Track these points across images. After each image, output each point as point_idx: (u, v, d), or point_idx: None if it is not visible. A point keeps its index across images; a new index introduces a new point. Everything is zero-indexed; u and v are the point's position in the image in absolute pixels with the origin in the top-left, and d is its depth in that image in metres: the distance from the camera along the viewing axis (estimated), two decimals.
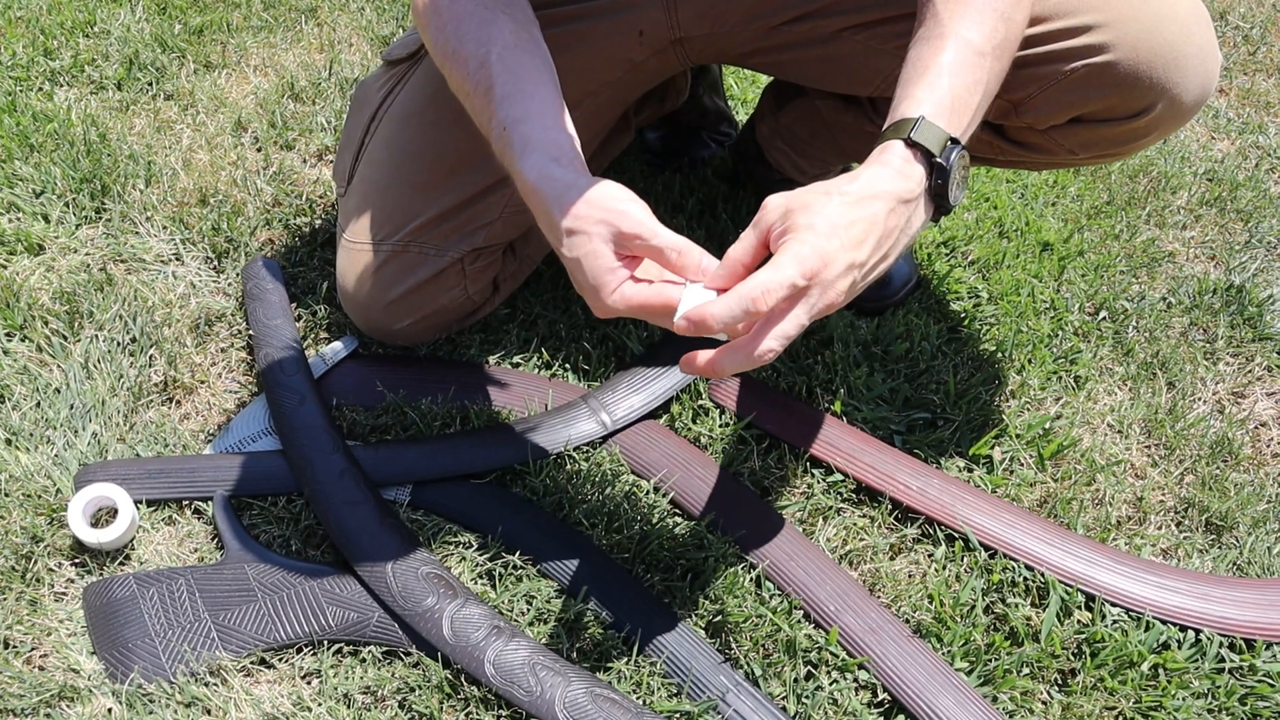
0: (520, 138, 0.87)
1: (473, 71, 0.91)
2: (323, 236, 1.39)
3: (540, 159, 0.86)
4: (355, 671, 0.95)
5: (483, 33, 0.92)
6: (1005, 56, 0.85)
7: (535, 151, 0.86)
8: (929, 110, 0.79)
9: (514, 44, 0.92)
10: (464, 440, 1.13)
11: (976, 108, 0.83)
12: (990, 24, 0.83)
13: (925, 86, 0.81)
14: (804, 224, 0.74)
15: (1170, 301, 1.44)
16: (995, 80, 0.85)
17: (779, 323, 0.73)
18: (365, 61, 1.77)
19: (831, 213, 0.74)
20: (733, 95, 1.76)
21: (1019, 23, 0.86)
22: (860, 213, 0.75)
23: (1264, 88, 1.98)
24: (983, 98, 0.83)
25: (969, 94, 0.82)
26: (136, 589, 0.98)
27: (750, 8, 1.10)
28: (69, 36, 1.74)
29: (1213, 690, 0.97)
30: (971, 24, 0.83)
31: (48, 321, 1.23)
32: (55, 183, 1.41)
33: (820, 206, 0.75)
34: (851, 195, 0.76)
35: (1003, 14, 0.84)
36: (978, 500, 1.10)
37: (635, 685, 0.95)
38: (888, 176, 0.77)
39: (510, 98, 0.89)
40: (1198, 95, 0.96)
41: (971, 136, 1.05)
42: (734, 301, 0.72)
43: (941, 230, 1.48)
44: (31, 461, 1.08)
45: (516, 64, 0.91)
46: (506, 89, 0.89)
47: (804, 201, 0.76)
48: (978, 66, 0.82)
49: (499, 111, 0.89)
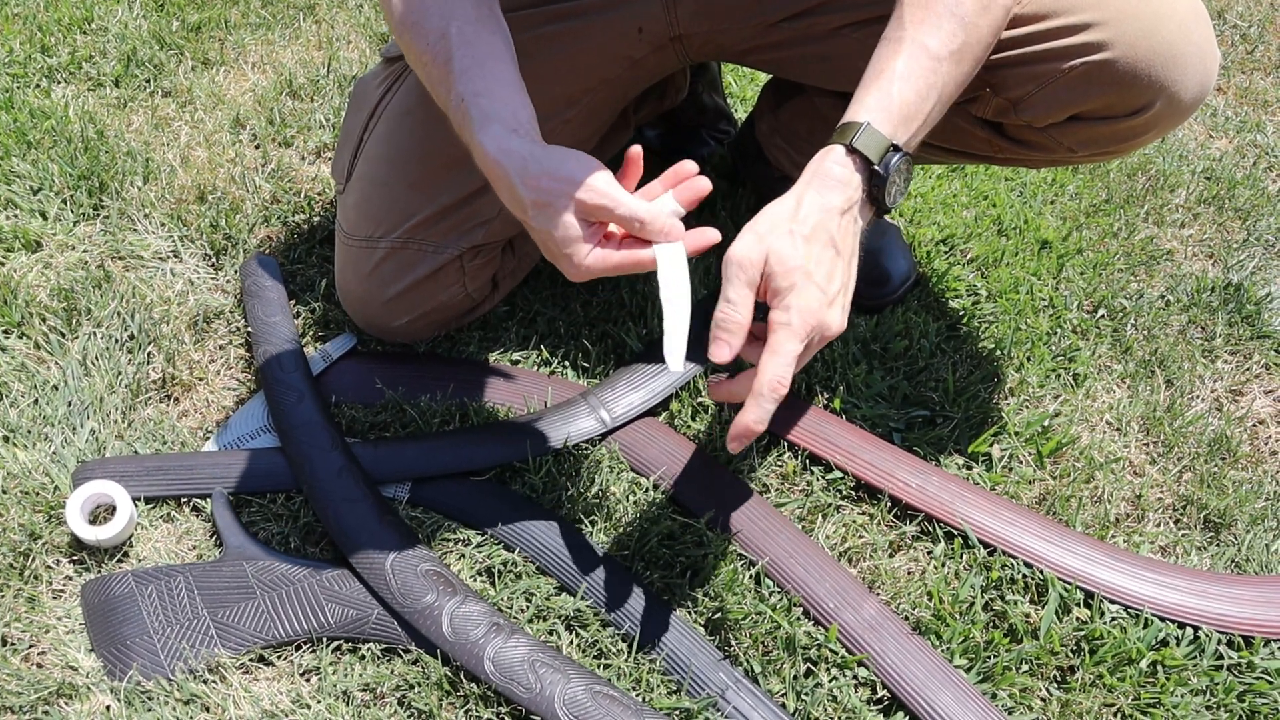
0: (479, 111, 0.87)
1: (432, 43, 0.91)
2: (321, 233, 1.39)
3: (499, 131, 0.86)
4: (354, 669, 0.95)
5: (445, 6, 0.92)
6: (966, 61, 0.87)
7: (494, 123, 0.86)
8: (875, 117, 0.84)
9: (475, 19, 0.92)
10: (463, 437, 1.13)
11: (929, 113, 0.86)
12: (948, 29, 0.85)
13: (876, 92, 0.85)
14: (784, 287, 0.79)
15: (1169, 299, 1.44)
16: (954, 84, 0.88)
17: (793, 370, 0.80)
18: (363, 59, 1.77)
19: (800, 260, 0.79)
20: (732, 93, 1.76)
21: (984, 28, 0.88)
22: (819, 248, 0.81)
23: (1262, 86, 1.98)
24: (937, 103, 0.87)
25: (920, 100, 0.85)
26: (135, 586, 0.98)
27: (748, 5, 1.10)
28: (66, 33, 1.73)
29: (1211, 687, 0.98)
30: (930, 29, 0.85)
31: (45, 318, 1.23)
32: (53, 179, 1.41)
33: (789, 257, 0.79)
34: (803, 229, 0.81)
35: (963, 20, 0.86)
36: (977, 497, 1.10)
37: (635, 682, 0.95)
38: (827, 192, 0.83)
39: (469, 71, 0.89)
40: (1196, 93, 0.96)
41: (972, 135, 1.05)
42: (763, 403, 0.78)
43: (940, 228, 1.48)
44: (29, 459, 1.08)
45: (476, 38, 0.91)
46: (466, 63, 0.89)
47: (774, 253, 0.80)
48: (932, 72, 0.85)
49: (458, 84, 0.89)
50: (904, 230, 1.46)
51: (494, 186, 0.88)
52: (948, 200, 1.55)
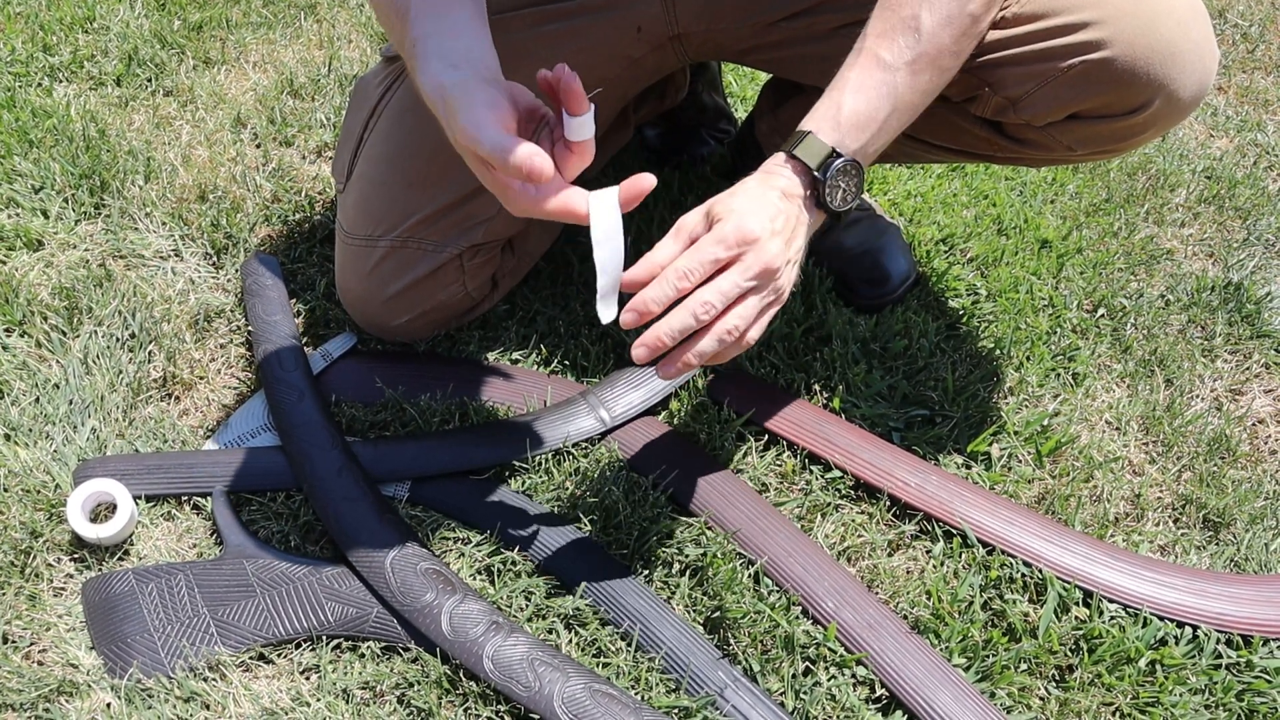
0: (423, 50, 0.84)
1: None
2: (322, 232, 1.39)
3: (437, 66, 0.82)
4: (354, 667, 0.95)
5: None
6: (925, 70, 0.90)
7: (433, 59, 0.83)
8: (820, 126, 0.88)
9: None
10: (463, 436, 1.13)
11: (883, 120, 0.89)
12: (903, 42, 0.89)
13: (826, 102, 0.90)
14: (725, 208, 0.83)
15: (1168, 299, 1.44)
16: (914, 92, 0.90)
17: (724, 285, 0.81)
18: (364, 58, 1.77)
19: (747, 200, 0.84)
20: (732, 92, 1.76)
21: (944, 38, 0.90)
22: (769, 198, 0.86)
23: (1262, 85, 1.98)
24: (894, 110, 0.89)
25: (872, 108, 0.89)
26: (135, 584, 0.98)
27: (747, 4, 1.10)
28: (68, 32, 1.74)
29: (1210, 686, 0.98)
30: (886, 41, 0.89)
31: (47, 317, 1.23)
32: (54, 178, 1.41)
33: (735, 200, 0.84)
34: (755, 188, 0.86)
35: (920, 31, 0.88)
36: (976, 497, 1.10)
37: (634, 681, 0.95)
38: (770, 181, 0.88)
39: (422, 16, 0.86)
40: (1195, 91, 0.96)
41: (972, 134, 1.05)
42: (663, 281, 0.81)
43: (940, 228, 1.48)
44: (30, 457, 1.08)
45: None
46: (421, 8, 0.86)
47: (718, 200, 0.85)
48: (884, 82, 0.89)
49: (410, 30, 0.85)
50: (904, 230, 1.46)
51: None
52: (948, 200, 1.55)
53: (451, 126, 0.80)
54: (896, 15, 0.89)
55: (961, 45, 0.91)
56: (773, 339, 1.26)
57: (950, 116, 1.08)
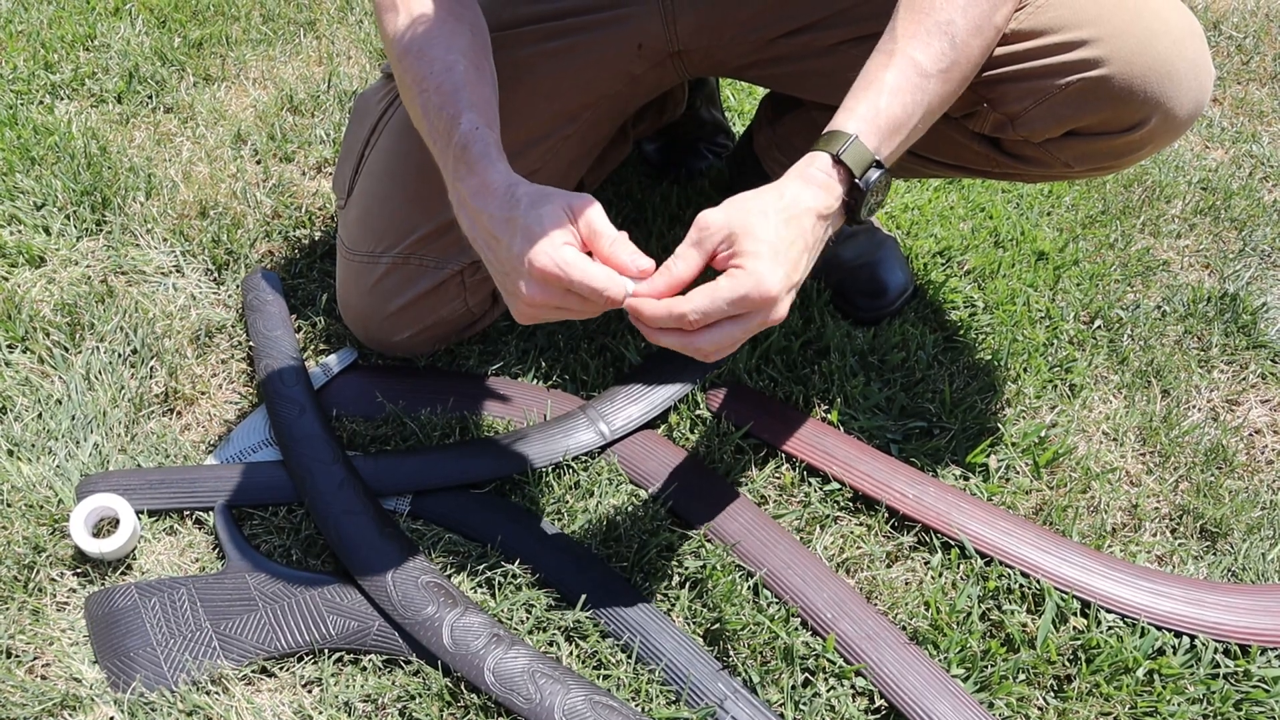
0: (482, 143, 0.89)
1: (437, 72, 0.93)
2: (322, 248, 1.40)
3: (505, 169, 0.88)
4: (356, 680, 0.95)
5: (450, 41, 0.95)
6: (954, 80, 0.89)
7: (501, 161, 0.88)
8: (862, 129, 0.85)
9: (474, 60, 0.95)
10: (463, 450, 1.14)
11: (913, 129, 0.88)
12: (939, 48, 0.87)
13: (865, 103, 0.86)
14: (750, 250, 0.79)
15: (1165, 310, 1.44)
16: (939, 101, 0.89)
17: (717, 330, 0.79)
18: (364, 74, 1.78)
19: (771, 236, 0.79)
20: (730, 107, 1.78)
21: (974, 48, 0.89)
22: (793, 232, 0.81)
23: (1257, 97, 1.99)
24: (922, 119, 0.88)
25: (906, 115, 0.86)
26: (138, 598, 0.98)
27: (748, 21, 1.11)
28: (69, 50, 1.75)
29: (1208, 696, 0.98)
30: (921, 45, 0.87)
31: (49, 333, 1.23)
32: (56, 195, 1.42)
33: (760, 230, 0.79)
34: (783, 214, 0.81)
35: (954, 39, 0.87)
36: (974, 508, 1.11)
37: (634, 692, 0.96)
38: (811, 193, 0.83)
39: (480, 106, 0.91)
40: (1191, 109, 0.97)
41: (970, 149, 1.06)
42: (664, 311, 0.79)
43: (938, 240, 1.49)
44: (33, 472, 1.09)
45: (480, 78, 0.94)
46: (475, 98, 0.92)
47: (745, 225, 0.80)
48: (919, 89, 0.86)
49: (468, 113, 0.90)
50: (901, 242, 1.47)
51: (464, 213, 0.90)
52: (945, 212, 1.56)
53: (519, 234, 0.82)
54: (930, 19, 0.87)
55: (983, 57, 0.92)
56: (771, 352, 1.27)
57: (949, 132, 1.08)
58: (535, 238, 0.81)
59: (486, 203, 0.86)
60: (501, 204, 0.85)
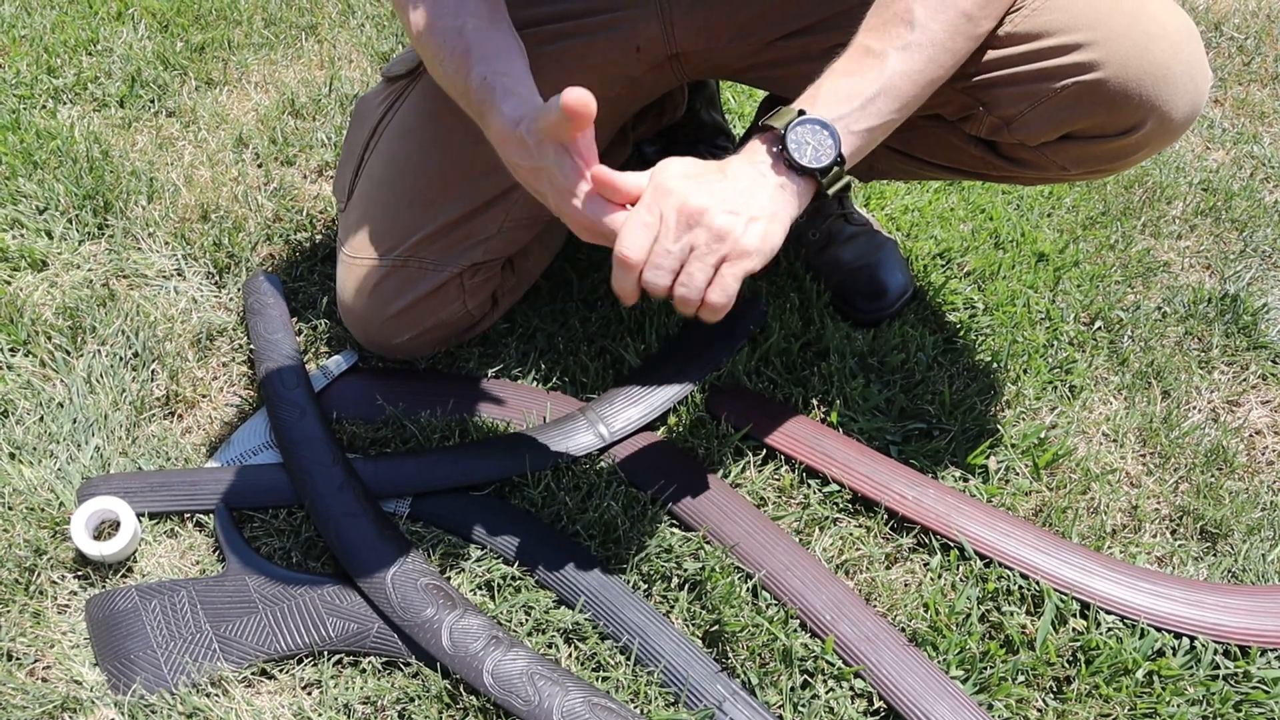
0: (503, 85, 0.93)
1: (449, 40, 0.97)
2: (323, 251, 1.41)
3: (515, 102, 0.92)
4: (355, 682, 0.95)
5: (459, 7, 0.98)
6: (916, 56, 0.91)
7: (511, 96, 0.92)
8: (795, 104, 0.90)
9: (489, 21, 0.98)
10: (463, 453, 1.14)
11: (868, 98, 0.90)
12: (895, 31, 0.91)
13: (809, 88, 0.92)
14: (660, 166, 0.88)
15: (1165, 311, 1.44)
16: (904, 77, 0.91)
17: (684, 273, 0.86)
18: (365, 78, 1.79)
19: (686, 164, 0.88)
20: (730, 109, 1.78)
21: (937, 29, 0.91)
22: (710, 168, 0.88)
23: (1259, 98, 1.99)
24: (880, 91, 0.90)
25: (853, 85, 0.90)
26: (139, 601, 0.99)
27: (746, 23, 1.11)
28: (72, 54, 1.76)
29: (1208, 697, 0.98)
30: (875, 33, 0.92)
31: (51, 337, 1.24)
32: (58, 199, 1.42)
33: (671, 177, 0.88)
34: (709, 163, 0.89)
35: (912, 23, 0.90)
36: (973, 510, 1.11)
37: (633, 694, 0.96)
38: (734, 154, 0.91)
39: (490, 58, 0.95)
40: (1187, 112, 0.97)
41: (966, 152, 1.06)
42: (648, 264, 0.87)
43: (937, 242, 1.49)
44: (35, 475, 1.09)
45: (492, 35, 0.98)
46: (486, 50, 0.96)
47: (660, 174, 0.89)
48: (869, 66, 0.91)
49: (477, 67, 0.95)
50: (901, 244, 1.47)
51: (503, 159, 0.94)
52: (945, 214, 1.56)
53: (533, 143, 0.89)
54: (889, 10, 0.90)
55: (957, 43, 0.92)
56: (770, 354, 1.27)
57: (945, 135, 1.08)
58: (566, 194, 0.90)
59: (508, 152, 0.93)
60: (519, 152, 0.91)
